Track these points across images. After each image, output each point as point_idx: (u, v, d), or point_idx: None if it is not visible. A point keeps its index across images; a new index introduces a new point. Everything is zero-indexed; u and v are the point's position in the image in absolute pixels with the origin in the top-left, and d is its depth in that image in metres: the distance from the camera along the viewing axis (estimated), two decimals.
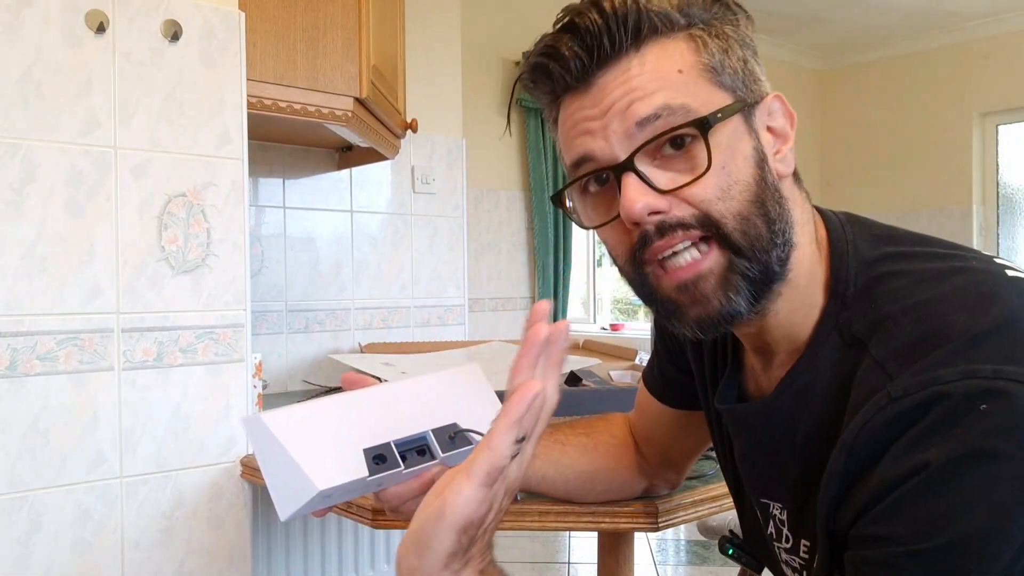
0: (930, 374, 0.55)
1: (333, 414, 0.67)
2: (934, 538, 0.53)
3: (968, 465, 0.52)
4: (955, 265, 0.63)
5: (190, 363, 1.33)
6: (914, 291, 0.61)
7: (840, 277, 0.65)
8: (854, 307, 0.64)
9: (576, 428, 0.98)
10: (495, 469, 0.52)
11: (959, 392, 0.54)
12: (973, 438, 0.53)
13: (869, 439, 0.57)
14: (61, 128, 1.20)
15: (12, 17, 1.16)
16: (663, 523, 1.01)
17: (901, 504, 0.55)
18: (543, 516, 1.01)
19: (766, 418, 0.70)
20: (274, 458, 0.64)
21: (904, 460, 0.55)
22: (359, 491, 0.67)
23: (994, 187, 4.95)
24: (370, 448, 0.66)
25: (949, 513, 0.53)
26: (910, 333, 0.59)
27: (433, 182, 2.31)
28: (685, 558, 3.09)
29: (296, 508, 0.64)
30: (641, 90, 0.62)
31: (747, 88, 0.64)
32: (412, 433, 0.68)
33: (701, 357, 0.83)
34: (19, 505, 1.18)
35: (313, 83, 1.53)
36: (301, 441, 0.64)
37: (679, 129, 0.61)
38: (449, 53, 2.40)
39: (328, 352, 2.09)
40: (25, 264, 1.18)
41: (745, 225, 0.62)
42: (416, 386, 0.72)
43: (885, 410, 0.56)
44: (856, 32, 5.03)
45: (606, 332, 4.69)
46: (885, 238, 0.68)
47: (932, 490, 0.53)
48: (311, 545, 1.82)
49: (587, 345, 2.23)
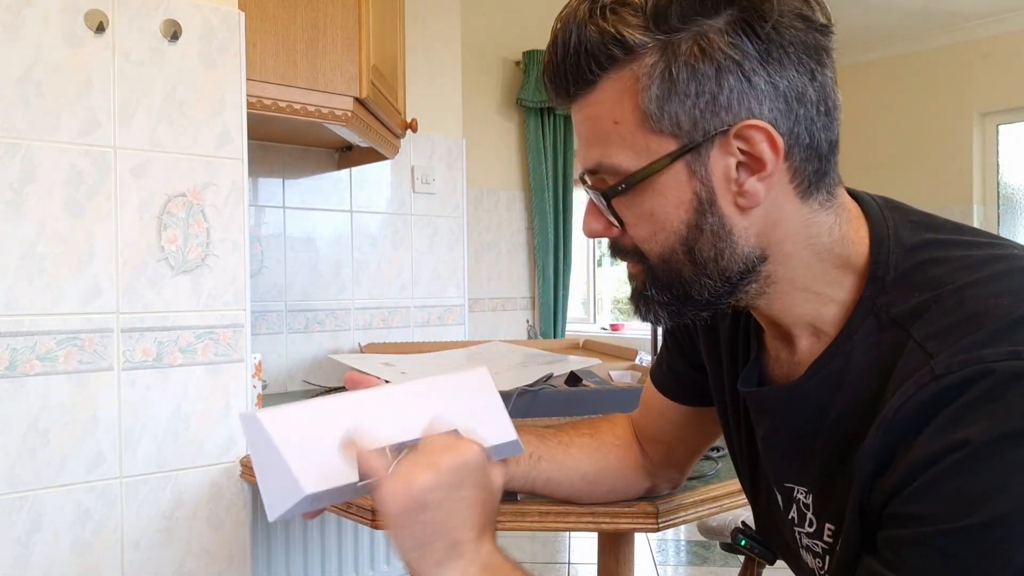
0: (974, 352, 0.55)
1: (331, 415, 0.66)
2: (969, 517, 0.53)
3: (1008, 445, 0.52)
4: (995, 253, 0.63)
5: (190, 363, 1.33)
6: (956, 276, 0.61)
7: (880, 262, 0.65)
8: (893, 292, 0.63)
9: (580, 429, 0.98)
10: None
11: (1003, 371, 0.54)
12: (1014, 417, 0.52)
13: (909, 416, 0.57)
14: (61, 128, 1.20)
15: (12, 17, 1.16)
16: (663, 523, 1.01)
17: (937, 482, 0.54)
18: (543, 516, 1.01)
19: (794, 401, 0.70)
20: (267, 457, 0.63)
21: (943, 437, 0.54)
22: (351, 495, 0.66)
23: (994, 187, 4.94)
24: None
25: (985, 492, 0.52)
26: (953, 315, 0.59)
27: (433, 182, 2.31)
28: (685, 558, 3.09)
29: (284, 510, 0.63)
30: (584, 138, 0.66)
31: (700, 125, 0.61)
32: (410, 437, 0.67)
33: (716, 347, 0.83)
34: (19, 505, 1.18)
35: (313, 83, 1.53)
36: (294, 442, 0.63)
37: (603, 191, 0.65)
38: (449, 53, 2.40)
39: (328, 352, 2.09)
40: (25, 264, 1.18)
41: (667, 266, 0.66)
42: (419, 388, 0.71)
43: (928, 387, 0.56)
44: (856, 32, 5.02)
45: (606, 332, 4.70)
46: (924, 225, 0.67)
47: (970, 468, 0.53)
48: (311, 545, 1.81)
49: (587, 345, 2.23)
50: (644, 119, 0.62)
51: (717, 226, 0.64)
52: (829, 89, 0.63)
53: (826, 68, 0.62)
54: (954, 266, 0.62)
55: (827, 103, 0.63)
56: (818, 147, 0.63)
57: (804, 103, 0.61)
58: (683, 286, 0.66)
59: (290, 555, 1.77)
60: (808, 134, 0.62)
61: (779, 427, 0.72)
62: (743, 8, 0.59)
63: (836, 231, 0.66)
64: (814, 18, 0.61)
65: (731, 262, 0.64)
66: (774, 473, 0.75)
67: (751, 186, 0.62)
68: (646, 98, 0.61)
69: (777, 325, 0.71)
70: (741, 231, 0.64)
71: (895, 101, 5.26)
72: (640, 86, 0.61)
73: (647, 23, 0.60)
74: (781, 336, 0.72)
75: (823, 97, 0.62)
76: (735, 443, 0.83)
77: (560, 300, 4.18)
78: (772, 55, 0.60)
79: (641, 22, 0.60)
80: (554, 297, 4.15)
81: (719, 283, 0.65)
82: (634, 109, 0.62)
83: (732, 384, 0.80)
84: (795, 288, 0.67)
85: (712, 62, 0.59)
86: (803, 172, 0.63)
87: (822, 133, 0.63)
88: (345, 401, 0.68)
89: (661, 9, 0.60)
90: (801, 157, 0.63)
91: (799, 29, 0.60)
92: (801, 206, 0.65)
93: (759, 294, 0.67)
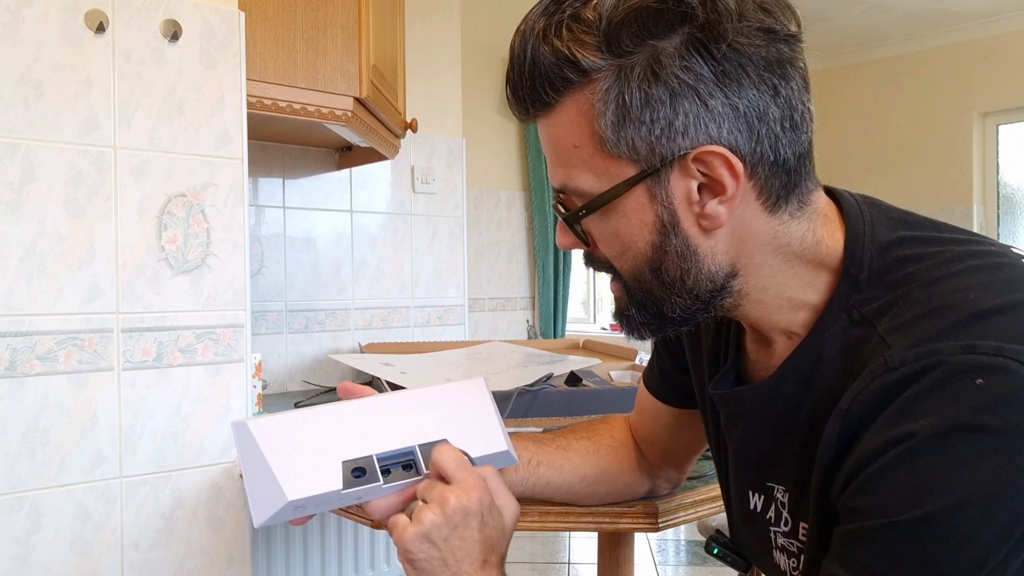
0: (930, 345, 0.55)
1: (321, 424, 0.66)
2: (912, 510, 0.52)
3: (954, 438, 0.52)
4: (972, 249, 0.63)
5: (190, 363, 1.33)
6: (928, 272, 0.61)
7: (855, 259, 0.64)
8: (867, 290, 0.63)
9: (577, 432, 0.98)
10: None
11: (954, 364, 0.53)
12: (963, 411, 0.52)
13: (863, 407, 0.57)
14: (61, 128, 1.20)
15: (12, 17, 1.16)
16: (663, 523, 1.01)
17: (882, 475, 0.54)
18: (543, 516, 1.01)
19: (767, 400, 0.70)
20: (254, 464, 0.64)
21: (890, 429, 0.54)
22: (336, 503, 0.66)
23: (994, 187, 4.95)
24: (350, 460, 0.65)
25: (930, 486, 0.52)
26: (918, 308, 0.58)
27: (433, 182, 2.31)
28: (685, 558, 3.09)
29: (267, 516, 0.64)
30: (549, 157, 0.67)
31: (656, 151, 0.60)
32: (399, 447, 0.67)
33: (699, 350, 0.83)
34: (19, 505, 1.18)
35: (313, 83, 1.53)
36: (281, 450, 0.63)
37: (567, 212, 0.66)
38: (449, 53, 2.40)
39: (328, 352, 2.09)
40: (25, 264, 1.18)
41: (638, 284, 0.66)
42: (413, 399, 0.71)
43: (881, 378, 0.56)
44: (856, 32, 5.03)
45: (606, 332, 4.70)
46: (902, 222, 0.67)
47: (915, 461, 0.53)
48: (311, 545, 1.82)
49: (587, 345, 2.23)
50: (601, 144, 0.61)
51: (682, 247, 0.63)
52: (795, 101, 0.61)
53: (791, 80, 0.60)
54: (929, 263, 0.62)
55: (793, 117, 0.61)
56: (784, 163, 0.61)
57: (767, 121, 0.60)
58: (656, 305, 0.67)
59: (290, 555, 1.77)
60: (773, 152, 0.61)
61: (757, 426, 0.72)
62: (699, 27, 0.57)
63: (809, 237, 0.65)
64: (778, 28, 0.59)
65: (698, 281, 0.64)
66: (755, 473, 0.75)
67: (712, 209, 0.61)
68: (602, 124, 0.60)
69: (756, 329, 0.72)
70: (707, 251, 0.64)
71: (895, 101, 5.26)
72: (595, 112, 0.60)
73: (600, 44, 0.59)
74: (760, 339, 0.72)
75: (788, 112, 0.60)
76: (714, 446, 0.84)
77: (560, 300, 4.18)
78: (729, 76, 0.58)
79: (595, 42, 0.59)
80: (554, 297, 4.15)
81: (689, 301, 0.65)
82: (591, 133, 0.61)
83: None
84: (768, 297, 0.67)
85: (666, 87, 0.58)
86: (770, 188, 0.62)
87: (788, 149, 0.61)
88: (335, 410, 0.68)
89: (614, 30, 0.58)
90: (767, 174, 0.61)
91: (759, 45, 0.58)
92: (770, 219, 0.64)
93: (734, 307, 0.68)
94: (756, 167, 0.61)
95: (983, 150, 4.98)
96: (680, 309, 0.66)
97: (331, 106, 1.56)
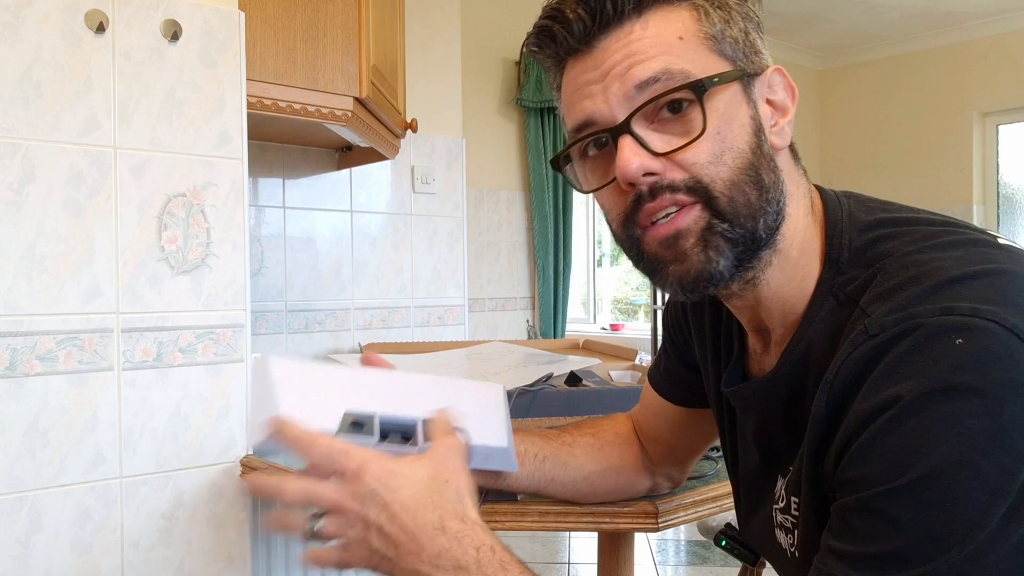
0: (908, 310, 0.56)
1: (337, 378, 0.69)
2: (906, 474, 0.52)
3: (937, 399, 0.52)
4: (947, 228, 0.64)
5: (190, 363, 1.33)
6: (904, 248, 0.62)
7: (835, 243, 0.67)
8: (849, 271, 0.65)
9: (582, 429, 0.99)
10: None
11: (932, 326, 0.54)
12: (944, 372, 0.52)
13: (847, 376, 0.58)
14: (61, 128, 1.20)
15: (12, 17, 1.16)
16: (663, 523, 1.01)
17: (873, 442, 0.54)
18: (543, 516, 1.01)
19: (772, 392, 0.70)
20: (263, 395, 0.66)
21: (877, 394, 0.55)
22: None
23: (994, 187, 4.95)
24: (353, 413, 0.66)
25: (919, 447, 0.52)
26: (895, 278, 0.60)
27: (433, 182, 2.31)
28: (685, 558, 3.09)
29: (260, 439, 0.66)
30: (642, 54, 0.63)
31: (747, 59, 0.65)
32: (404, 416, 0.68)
33: (706, 349, 0.84)
34: (19, 505, 1.18)
35: (313, 83, 1.53)
36: (292, 388, 0.65)
37: (676, 92, 0.62)
38: (449, 53, 2.40)
39: (328, 352, 2.09)
40: (25, 264, 1.18)
41: (733, 191, 0.63)
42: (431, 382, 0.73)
43: (862, 346, 0.57)
44: (856, 32, 5.03)
45: (606, 332, 4.70)
46: (880, 207, 0.69)
47: (902, 424, 0.53)
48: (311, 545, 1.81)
49: (587, 345, 2.23)
50: (707, 38, 0.64)
51: (770, 154, 0.66)
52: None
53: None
54: (904, 239, 0.63)
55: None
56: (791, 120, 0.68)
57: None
58: (751, 217, 0.63)
59: (290, 555, 1.77)
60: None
61: (767, 419, 0.73)
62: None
63: (808, 209, 0.69)
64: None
65: (781, 196, 0.66)
66: (775, 464, 0.75)
67: (783, 125, 0.67)
68: (708, 22, 0.64)
69: (755, 320, 0.72)
70: (783, 165, 0.67)
71: (895, 101, 5.26)
72: (700, 14, 0.65)
73: None
74: (759, 331, 0.73)
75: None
76: (726, 444, 0.84)
77: (560, 300, 4.18)
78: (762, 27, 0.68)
79: None
80: (554, 297, 4.15)
81: (774, 217, 0.65)
82: (696, 30, 0.64)
83: (718, 385, 0.81)
84: (788, 264, 0.67)
85: (744, 14, 0.67)
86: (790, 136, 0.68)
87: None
88: (354, 371, 0.70)
89: None
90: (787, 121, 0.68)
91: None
92: (795, 168, 0.69)
93: (767, 265, 0.67)
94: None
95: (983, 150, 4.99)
96: (765, 225, 0.64)
97: (331, 106, 1.56)
